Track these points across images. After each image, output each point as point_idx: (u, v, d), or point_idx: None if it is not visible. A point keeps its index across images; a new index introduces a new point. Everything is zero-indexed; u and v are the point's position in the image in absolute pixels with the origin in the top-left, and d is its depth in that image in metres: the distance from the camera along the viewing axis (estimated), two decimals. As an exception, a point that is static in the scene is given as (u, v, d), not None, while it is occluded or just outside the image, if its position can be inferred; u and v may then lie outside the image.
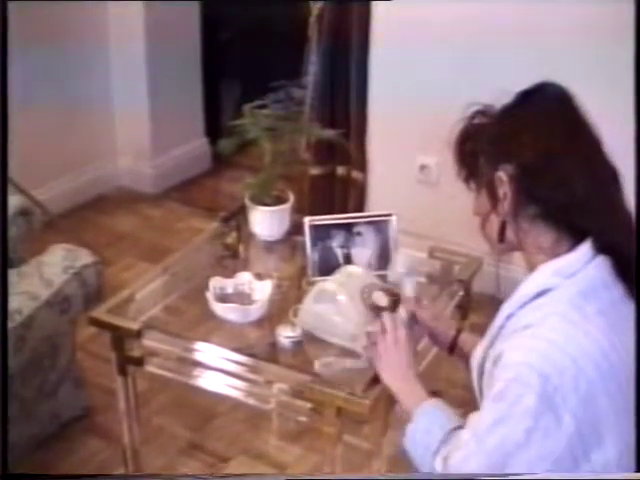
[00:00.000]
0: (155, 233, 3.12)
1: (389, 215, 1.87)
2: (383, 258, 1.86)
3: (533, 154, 1.20)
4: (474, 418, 1.25)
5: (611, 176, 1.22)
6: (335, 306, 1.61)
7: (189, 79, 3.45)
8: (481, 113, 1.28)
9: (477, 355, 1.32)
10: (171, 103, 3.35)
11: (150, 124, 3.34)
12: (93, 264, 2.08)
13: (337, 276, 1.68)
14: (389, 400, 1.51)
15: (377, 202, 2.75)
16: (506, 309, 1.26)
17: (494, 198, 1.24)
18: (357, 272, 1.70)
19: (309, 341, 1.63)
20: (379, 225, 1.87)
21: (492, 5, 2.32)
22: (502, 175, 1.21)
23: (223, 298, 1.72)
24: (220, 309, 1.69)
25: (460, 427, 1.28)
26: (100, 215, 3.23)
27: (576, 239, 1.21)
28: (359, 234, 1.87)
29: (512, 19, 2.32)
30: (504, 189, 1.22)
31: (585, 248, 1.20)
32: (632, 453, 1.20)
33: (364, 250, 1.86)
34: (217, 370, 1.63)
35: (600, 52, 2.22)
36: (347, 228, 1.87)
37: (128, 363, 1.71)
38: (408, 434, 1.34)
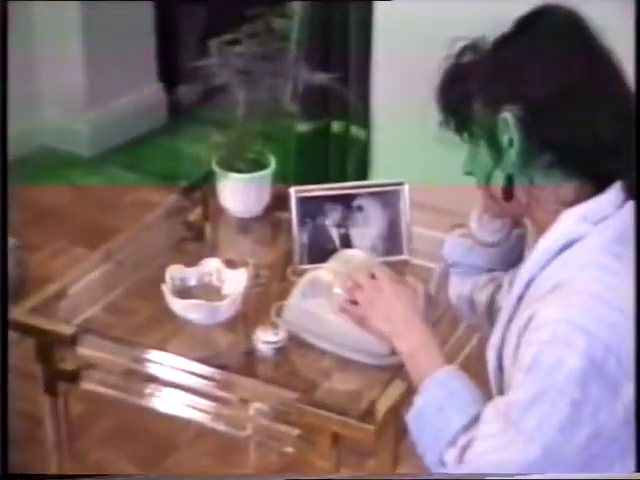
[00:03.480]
0: (93, 208, 3.12)
1: (399, 184, 1.88)
2: (391, 239, 1.88)
3: (544, 89, 1.24)
4: (500, 400, 1.26)
5: (633, 107, 1.27)
6: (330, 302, 1.62)
7: (137, 5, 3.44)
8: (471, 49, 1.31)
9: (493, 343, 1.35)
10: (113, 37, 3.34)
11: (84, 64, 3.34)
12: (12, 249, 2.09)
13: (333, 263, 1.70)
14: (400, 425, 1.54)
15: (384, 167, 2.76)
16: (525, 274, 1.30)
17: (497, 148, 1.28)
18: (358, 258, 1.71)
19: (296, 347, 1.65)
20: (386, 197, 1.88)
21: None
22: (507, 116, 1.25)
23: (184, 292, 1.73)
24: (180, 307, 1.70)
25: None
26: (19, 184, 3.23)
27: (602, 185, 1.26)
28: (360, 209, 1.88)
29: None
30: (510, 135, 1.26)
31: (615, 191, 1.25)
32: None
33: (367, 229, 1.88)
34: (176, 387, 1.64)
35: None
36: (345, 201, 1.88)
37: (59, 379, 1.73)
38: (415, 409, 1.35)
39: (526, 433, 1.20)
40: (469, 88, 1.30)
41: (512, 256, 1.49)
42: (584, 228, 1.25)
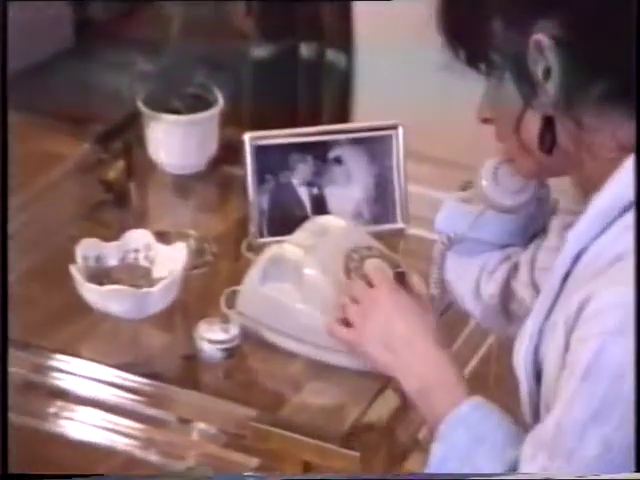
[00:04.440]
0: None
1: (391, 127, 1.89)
2: (381, 202, 1.89)
3: None
4: (541, 429, 1.25)
5: None
6: (299, 286, 1.63)
7: None
8: None
9: (524, 342, 1.34)
10: None
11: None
12: None
13: (302, 234, 1.70)
14: (393, 448, 1.55)
15: (370, 104, 2.76)
16: (573, 245, 1.29)
17: (529, 81, 1.27)
18: (337, 227, 1.72)
19: (254, 349, 1.67)
20: (374, 145, 1.90)
21: None
22: (542, 39, 1.24)
23: (102, 276, 1.74)
24: (96, 295, 1.70)
25: None
26: None
27: None
28: (339, 161, 1.89)
29: None
30: (546, 62, 1.25)
31: None
32: None
33: (348, 189, 1.89)
34: (92, 404, 1.65)
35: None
36: (318, 151, 1.89)
37: None
38: (434, 461, 1.35)
39: (588, 464, 1.19)
40: (485, 2, 1.29)
41: (533, 227, 1.50)
42: None
